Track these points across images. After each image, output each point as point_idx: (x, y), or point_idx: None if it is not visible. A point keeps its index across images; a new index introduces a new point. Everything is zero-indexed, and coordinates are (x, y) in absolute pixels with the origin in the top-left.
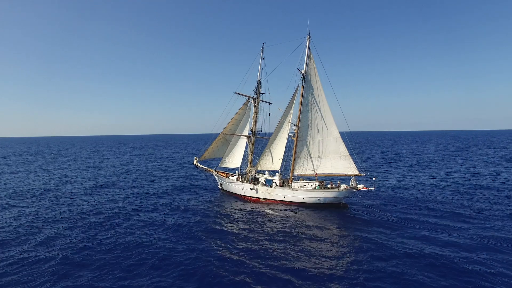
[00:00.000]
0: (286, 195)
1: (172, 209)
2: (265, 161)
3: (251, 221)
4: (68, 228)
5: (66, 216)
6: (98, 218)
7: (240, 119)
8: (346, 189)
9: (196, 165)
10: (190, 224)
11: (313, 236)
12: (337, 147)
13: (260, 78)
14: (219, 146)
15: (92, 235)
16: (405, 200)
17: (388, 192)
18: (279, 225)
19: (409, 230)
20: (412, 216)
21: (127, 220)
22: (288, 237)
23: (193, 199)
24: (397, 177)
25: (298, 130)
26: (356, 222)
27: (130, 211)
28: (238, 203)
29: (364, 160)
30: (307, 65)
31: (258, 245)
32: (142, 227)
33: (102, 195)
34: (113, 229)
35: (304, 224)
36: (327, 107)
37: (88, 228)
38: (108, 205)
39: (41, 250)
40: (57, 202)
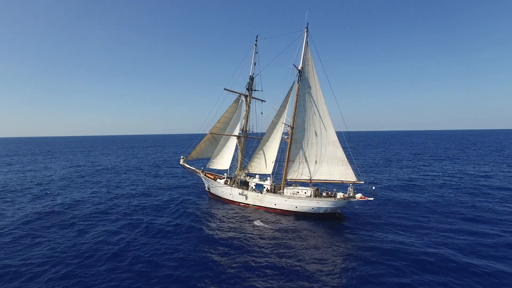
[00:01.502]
0: (277, 202)
1: (146, 215)
2: (256, 164)
3: (238, 232)
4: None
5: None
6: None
7: (230, 117)
8: (343, 198)
9: (183, 165)
10: (168, 235)
11: (305, 254)
12: (334, 151)
13: (252, 74)
14: (208, 146)
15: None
16: (407, 208)
17: (387, 199)
18: (268, 239)
19: (414, 246)
20: (414, 227)
21: (85, 232)
22: (278, 255)
23: (177, 203)
24: (397, 182)
25: (292, 131)
26: (354, 236)
27: (89, 219)
28: (225, 210)
29: (362, 164)
30: (304, 61)
31: (243, 263)
32: (108, 244)
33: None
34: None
35: (296, 237)
36: (325, 108)
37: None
38: (77, 207)
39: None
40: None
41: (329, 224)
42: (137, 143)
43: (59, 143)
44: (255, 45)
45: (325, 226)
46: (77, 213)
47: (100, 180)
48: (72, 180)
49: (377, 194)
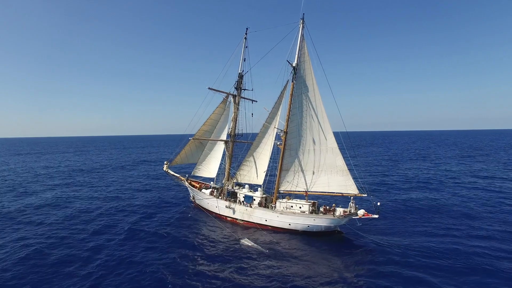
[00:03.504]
0: (268, 218)
1: (119, 232)
2: (245, 173)
3: (221, 253)
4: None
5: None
6: None
7: (217, 120)
8: (343, 216)
9: (166, 171)
10: (139, 256)
11: (296, 281)
12: (334, 159)
13: (242, 71)
14: (193, 150)
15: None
16: (414, 221)
17: (391, 210)
18: (256, 262)
19: (425, 270)
20: (426, 247)
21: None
22: (265, 282)
23: (155, 215)
24: (404, 193)
25: (285, 137)
26: (354, 259)
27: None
28: (209, 225)
29: (365, 173)
30: (300, 57)
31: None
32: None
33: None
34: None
35: (287, 261)
36: (323, 110)
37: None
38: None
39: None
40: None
41: (326, 243)
42: (134, 143)
43: (63, 143)
44: (245, 39)
45: (321, 247)
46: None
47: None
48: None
49: (383, 210)
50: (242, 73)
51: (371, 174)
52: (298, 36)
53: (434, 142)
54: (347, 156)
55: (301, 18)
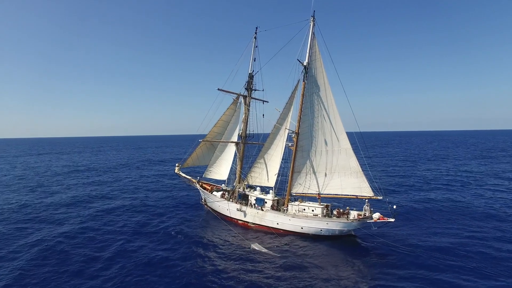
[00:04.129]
0: (280, 221)
1: (123, 233)
2: (257, 175)
3: (230, 258)
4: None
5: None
6: None
7: (228, 121)
8: (357, 219)
9: (178, 173)
10: (149, 258)
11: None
12: (347, 160)
13: (252, 71)
14: (204, 152)
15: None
16: (435, 224)
17: (409, 212)
18: (266, 268)
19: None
20: (448, 250)
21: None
22: (278, 286)
23: (166, 217)
24: (422, 194)
25: (297, 138)
26: (371, 263)
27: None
28: (220, 228)
29: (380, 175)
30: (310, 56)
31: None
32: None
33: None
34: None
35: (298, 267)
36: (335, 110)
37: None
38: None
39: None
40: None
41: (339, 248)
42: (148, 143)
43: (72, 144)
44: (255, 38)
45: (335, 251)
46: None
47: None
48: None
49: (400, 212)
50: (253, 73)
51: (387, 175)
52: (308, 34)
53: (453, 142)
54: (361, 157)
55: (312, 15)
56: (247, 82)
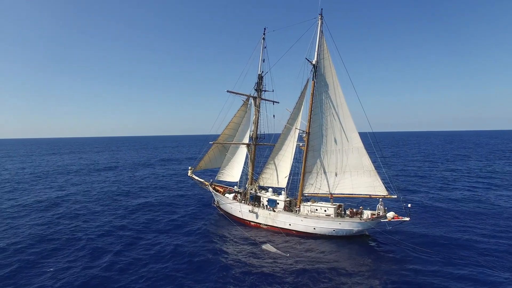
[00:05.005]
0: (292, 222)
1: (140, 232)
2: (268, 176)
3: (241, 258)
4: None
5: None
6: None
7: (239, 123)
8: (371, 219)
9: (191, 176)
10: (163, 261)
11: None
12: (359, 159)
13: (261, 72)
14: (216, 155)
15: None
16: (455, 225)
17: (427, 212)
18: (277, 268)
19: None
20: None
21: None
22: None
23: (179, 217)
24: (438, 193)
25: (308, 138)
26: (385, 264)
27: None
28: (232, 230)
29: (394, 174)
30: (319, 54)
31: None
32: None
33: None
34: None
35: (310, 267)
36: (346, 108)
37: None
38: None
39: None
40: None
41: (353, 248)
42: (163, 143)
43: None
44: (263, 39)
45: (348, 252)
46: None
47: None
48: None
49: (414, 211)
50: (262, 74)
51: (402, 174)
52: (317, 33)
53: (474, 142)
54: (375, 156)
55: (319, 13)
56: (256, 83)
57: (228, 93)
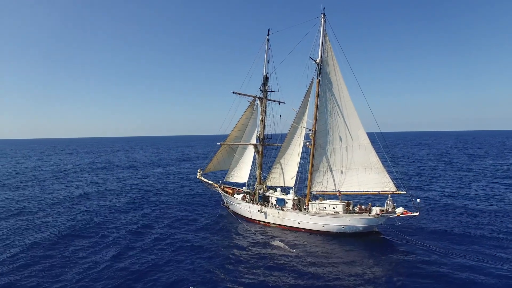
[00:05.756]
0: (301, 220)
1: (150, 234)
2: (277, 176)
3: (252, 254)
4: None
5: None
6: None
7: (246, 124)
8: (380, 214)
9: (200, 179)
10: (177, 259)
11: (329, 283)
12: (367, 156)
13: (266, 73)
14: (225, 157)
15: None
16: (469, 222)
17: (438, 209)
18: (287, 264)
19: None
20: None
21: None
22: (296, 282)
23: (189, 216)
24: (449, 190)
25: (314, 136)
26: (395, 261)
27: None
28: (241, 228)
29: (402, 170)
30: (323, 53)
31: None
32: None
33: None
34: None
35: (320, 262)
36: (351, 106)
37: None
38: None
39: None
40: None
41: (362, 245)
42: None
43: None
44: (267, 40)
45: (357, 248)
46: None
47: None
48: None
49: (424, 207)
50: (267, 75)
51: (414, 174)
52: (320, 32)
53: (490, 142)
54: (383, 155)
55: (322, 12)
56: (262, 84)
57: (234, 94)
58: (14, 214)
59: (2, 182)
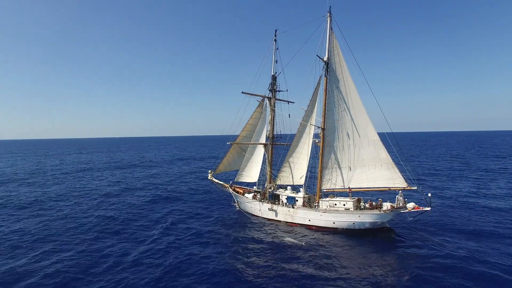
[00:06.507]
0: (311, 218)
1: (164, 234)
2: (287, 174)
3: (264, 250)
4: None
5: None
6: None
7: (255, 124)
8: (390, 210)
9: (211, 179)
10: (190, 256)
11: (340, 279)
12: (376, 152)
13: (275, 73)
14: (235, 157)
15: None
16: (479, 221)
17: (450, 208)
18: (298, 260)
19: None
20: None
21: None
22: (308, 278)
23: (201, 220)
24: (462, 188)
25: (323, 133)
26: (407, 259)
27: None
28: (252, 226)
29: (412, 167)
30: (330, 51)
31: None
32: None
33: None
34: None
35: (331, 257)
36: (359, 102)
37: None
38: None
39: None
40: None
41: (374, 242)
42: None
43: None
44: (275, 41)
45: (368, 244)
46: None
47: None
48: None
49: (436, 202)
50: (275, 75)
51: (429, 173)
52: (326, 30)
53: (509, 143)
54: (395, 155)
55: (328, 11)
56: (270, 84)
57: (243, 94)
58: (58, 215)
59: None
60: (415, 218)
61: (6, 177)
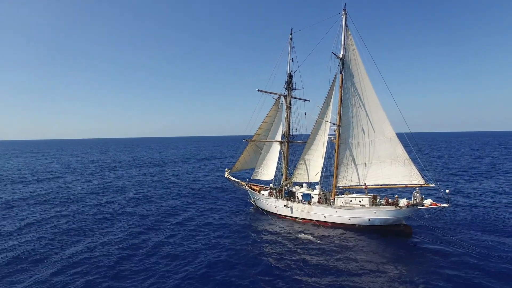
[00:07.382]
0: (327, 214)
1: (183, 227)
2: (302, 171)
3: (279, 247)
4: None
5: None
6: None
7: (272, 122)
8: (407, 206)
9: (228, 177)
10: (209, 251)
11: (356, 277)
12: (393, 149)
13: (290, 71)
14: (251, 155)
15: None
16: (497, 219)
17: (473, 208)
18: (312, 256)
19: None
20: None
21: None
22: (321, 275)
23: (218, 218)
24: (487, 187)
25: (339, 130)
26: (423, 256)
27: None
28: (268, 222)
29: (430, 164)
30: (345, 48)
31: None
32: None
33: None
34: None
35: (346, 255)
36: (375, 99)
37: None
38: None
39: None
40: None
41: (390, 239)
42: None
43: None
44: (290, 39)
45: (385, 241)
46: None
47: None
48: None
49: (458, 202)
50: (291, 73)
51: (450, 173)
52: (342, 27)
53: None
54: (412, 152)
55: (343, 8)
56: (286, 82)
57: (260, 92)
58: (92, 210)
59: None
60: (432, 215)
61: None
